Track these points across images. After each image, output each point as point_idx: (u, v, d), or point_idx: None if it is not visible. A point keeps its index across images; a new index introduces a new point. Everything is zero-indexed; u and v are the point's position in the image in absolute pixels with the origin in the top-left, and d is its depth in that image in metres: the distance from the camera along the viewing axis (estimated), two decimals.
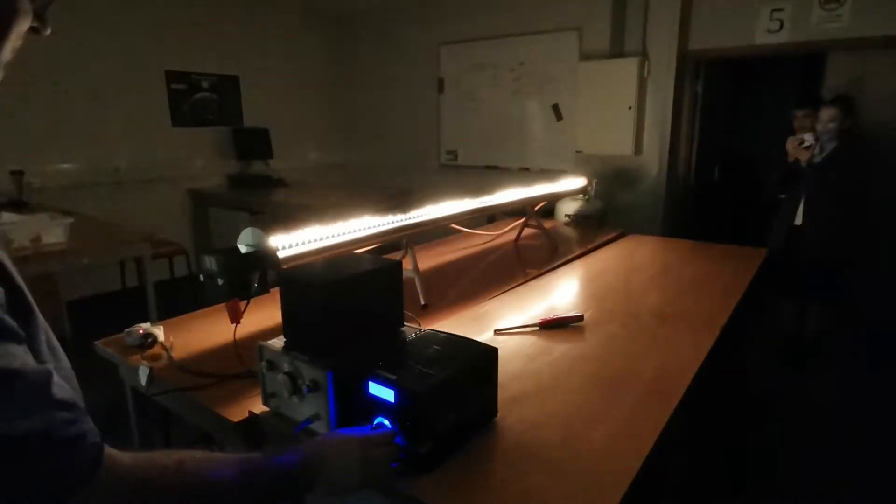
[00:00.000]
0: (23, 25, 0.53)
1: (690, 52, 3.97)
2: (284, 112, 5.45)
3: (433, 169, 5.47)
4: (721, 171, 4.80)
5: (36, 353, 0.51)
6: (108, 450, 0.53)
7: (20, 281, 0.53)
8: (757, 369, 3.08)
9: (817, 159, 2.94)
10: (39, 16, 0.55)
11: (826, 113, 2.89)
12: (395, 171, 5.71)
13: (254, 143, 5.11)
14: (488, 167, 5.09)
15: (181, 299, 3.99)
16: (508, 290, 1.84)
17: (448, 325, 1.49)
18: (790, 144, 3.01)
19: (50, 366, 0.51)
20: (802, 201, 3.03)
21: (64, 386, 0.51)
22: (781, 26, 3.58)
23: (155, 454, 0.59)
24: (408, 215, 1.70)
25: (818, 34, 3.47)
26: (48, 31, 0.56)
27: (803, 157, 2.94)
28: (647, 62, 4.04)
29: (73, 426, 0.49)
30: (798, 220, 3.06)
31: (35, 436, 0.46)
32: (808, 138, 2.93)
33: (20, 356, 0.47)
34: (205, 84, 4.86)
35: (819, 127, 2.91)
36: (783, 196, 3.23)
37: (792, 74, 4.78)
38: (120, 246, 2.79)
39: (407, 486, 0.83)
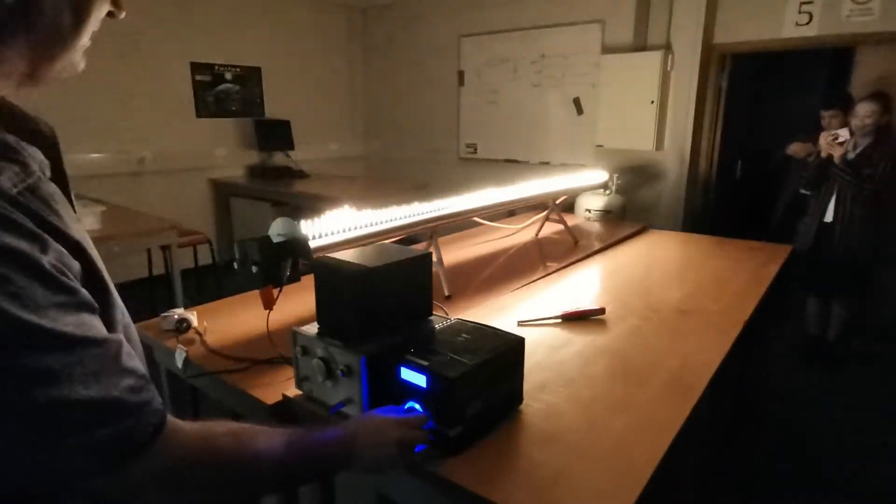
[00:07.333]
0: (102, 10, 0.55)
1: (716, 45, 3.91)
2: (305, 104, 5.50)
3: (452, 162, 5.48)
4: (744, 166, 4.73)
5: (111, 328, 0.55)
6: (171, 418, 0.56)
7: (97, 260, 0.56)
8: (778, 368, 3.05)
9: (850, 156, 2.87)
10: (115, 1, 0.56)
11: (864, 108, 2.80)
12: (415, 164, 5.73)
13: (275, 135, 5.17)
14: (508, 161, 5.09)
15: (205, 287, 4.07)
16: (530, 282, 1.86)
17: (471, 315, 1.52)
18: (823, 139, 2.92)
19: (121, 336, 0.54)
20: (833, 198, 2.96)
21: (133, 355, 0.54)
22: (810, 19, 3.51)
23: (213, 423, 0.62)
24: (433, 206, 1.72)
25: (848, 27, 3.40)
26: (123, 15, 0.58)
27: (837, 152, 2.85)
28: (670, 56, 4.00)
29: (140, 393, 0.52)
30: (828, 218, 2.99)
31: (103, 400, 0.48)
32: (844, 133, 2.84)
33: (95, 326, 0.51)
34: (228, 75, 4.92)
35: (855, 122, 2.83)
36: (807, 193, 3.17)
37: (819, 70, 4.69)
38: (148, 234, 2.86)
39: (437, 468, 0.86)
